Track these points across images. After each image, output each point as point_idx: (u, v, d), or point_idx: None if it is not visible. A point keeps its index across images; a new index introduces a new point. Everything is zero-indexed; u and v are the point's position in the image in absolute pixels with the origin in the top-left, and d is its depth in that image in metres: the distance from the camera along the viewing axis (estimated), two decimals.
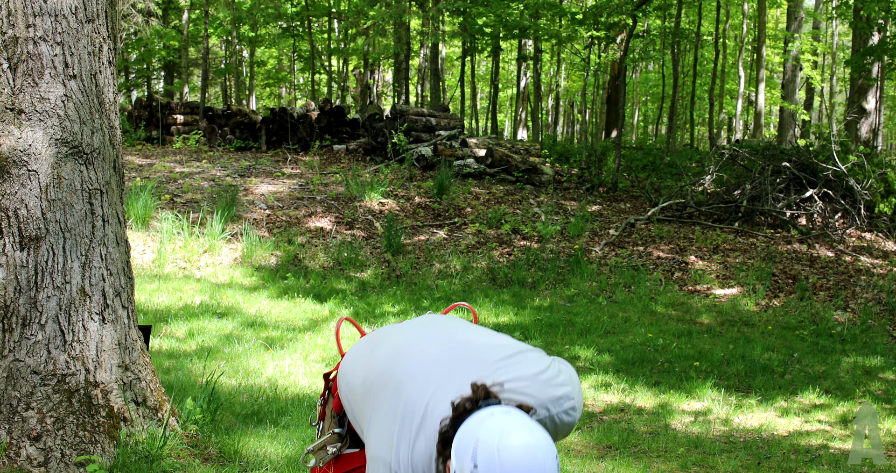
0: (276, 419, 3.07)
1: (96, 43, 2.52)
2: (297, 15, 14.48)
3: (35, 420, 2.36)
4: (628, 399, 3.88)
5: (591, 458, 3.05)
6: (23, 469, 2.31)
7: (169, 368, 3.54)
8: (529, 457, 1.16)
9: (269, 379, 3.60)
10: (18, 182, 2.37)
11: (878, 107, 12.33)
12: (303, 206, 7.44)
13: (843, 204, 7.92)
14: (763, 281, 6.36)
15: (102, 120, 2.55)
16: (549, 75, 19.78)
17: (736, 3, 15.09)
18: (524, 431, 1.19)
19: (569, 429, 1.37)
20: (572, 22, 11.23)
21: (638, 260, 6.87)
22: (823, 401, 4.00)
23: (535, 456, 1.16)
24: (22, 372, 2.37)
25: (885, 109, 19.80)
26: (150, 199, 6.29)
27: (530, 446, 1.17)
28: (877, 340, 5.29)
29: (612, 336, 4.97)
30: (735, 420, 3.68)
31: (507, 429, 1.18)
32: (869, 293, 6.25)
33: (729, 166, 9.07)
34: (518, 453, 1.16)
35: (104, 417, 2.44)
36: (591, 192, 9.38)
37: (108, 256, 2.53)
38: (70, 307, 2.42)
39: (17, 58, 2.36)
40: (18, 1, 2.36)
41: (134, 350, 2.61)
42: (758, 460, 3.11)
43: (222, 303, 4.84)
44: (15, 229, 2.37)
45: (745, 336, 5.17)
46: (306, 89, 21.18)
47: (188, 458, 2.56)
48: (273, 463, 2.66)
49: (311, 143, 10.45)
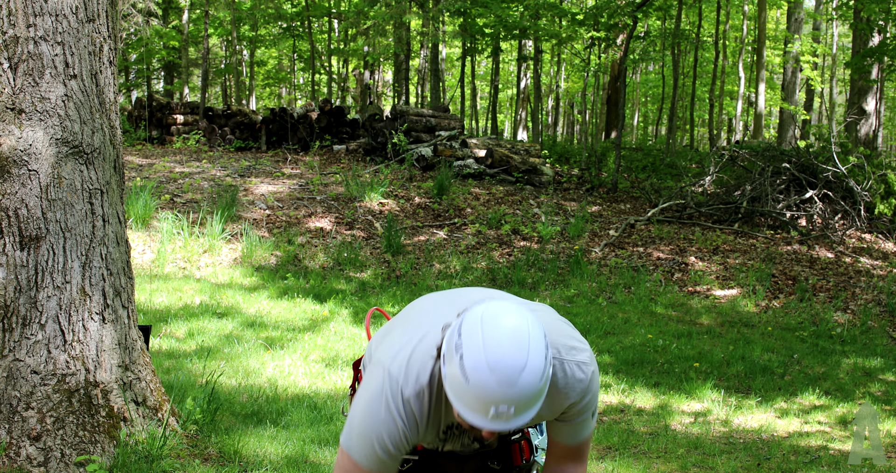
0: (276, 419, 3.07)
1: (97, 43, 2.52)
2: (298, 15, 14.49)
3: (35, 420, 2.36)
4: (628, 400, 3.88)
5: (591, 459, 3.05)
6: (23, 468, 2.31)
7: (169, 368, 3.54)
8: (513, 336, 1.12)
9: (269, 379, 3.60)
10: (19, 182, 2.37)
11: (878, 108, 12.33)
12: (303, 206, 7.44)
13: (843, 205, 7.93)
14: (763, 282, 6.36)
15: (103, 120, 2.55)
16: (550, 76, 19.79)
17: (736, 5, 15.10)
18: (514, 313, 1.16)
19: (580, 389, 1.28)
20: (572, 22, 11.24)
21: (638, 261, 6.87)
22: (823, 402, 4.00)
23: (519, 338, 1.12)
24: (22, 372, 2.37)
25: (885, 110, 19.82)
26: (150, 199, 6.29)
27: (517, 327, 1.13)
28: (876, 341, 5.29)
29: (612, 337, 4.97)
30: (735, 420, 3.68)
31: (495, 309, 1.16)
32: (869, 295, 6.25)
33: (729, 167, 9.07)
34: (501, 331, 1.13)
35: (104, 417, 2.44)
36: (590, 192, 9.38)
37: (109, 256, 2.53)
38: (70, 307, 2.42)
39: (17, 57, 2.36)
40: (19, 1, 2.36)
41: (134, 350, 2.61)
42: (757, 461, 3.11)
43: (222, 303, 4.83)
44: (15, 229, 2.37)
45: (745, 337, 5.17)
46: (306, 89, 21.19)
47: (188, 458, 2.56)
48: (273, 463, 2.66)
49: (312, 143, 10.45)
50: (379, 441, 1.27)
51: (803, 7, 14.88)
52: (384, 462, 1.29)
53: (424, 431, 1.29)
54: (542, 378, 1.14)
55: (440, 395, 1.27)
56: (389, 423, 1.26)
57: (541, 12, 11.43)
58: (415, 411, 1.26)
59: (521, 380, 1.12)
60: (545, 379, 1.15)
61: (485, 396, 1.12)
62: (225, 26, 15.40)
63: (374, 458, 1.29)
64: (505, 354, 1.12)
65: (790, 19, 14.36)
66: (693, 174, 9.67)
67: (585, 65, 12.55)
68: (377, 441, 1.27)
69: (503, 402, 1.12)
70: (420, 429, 1.28)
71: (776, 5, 14.60)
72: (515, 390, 1.12)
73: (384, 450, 1.27)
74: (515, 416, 1.14)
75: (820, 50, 15.09)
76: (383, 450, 1.27)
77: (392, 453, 1.28)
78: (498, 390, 1.12)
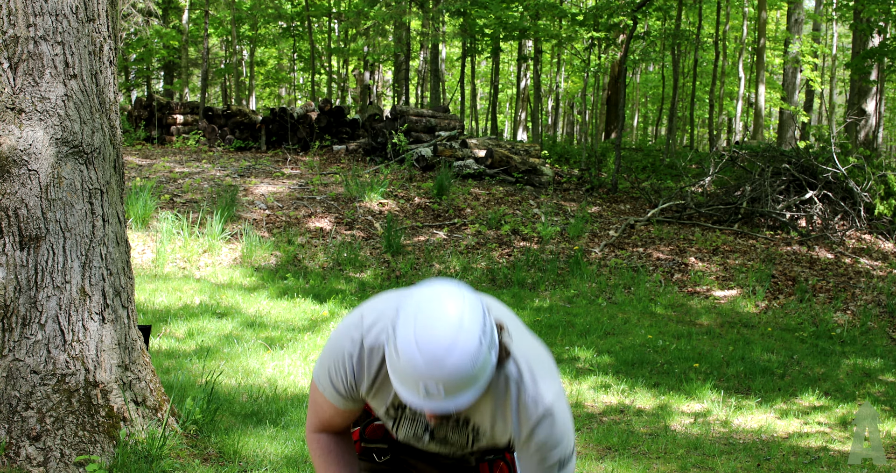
0: (276, 419, 3.07)
1: (97, 42, 2.52)
2: (298, 15, 14.49)
3: (35, 420, 2.35)
4: (628, 401, 3.88)
5: (591, 459, 3.05)
6: (22, 468, 2.31)
7: (168, 368, 3.54)
8: (446, 317, 1.09)
9: (269, 379, 3.60)
10: (19, 182, 2.37)
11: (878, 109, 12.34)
12: (303, 206, 7.44)
13: (843, 206, 7.93)
14: (763, 283, 6.36)
15: (103, 120, 2.55)
16: (550, 76, 19.79)
17: (736, 5, 15.10)
18: (455, 296, 1.12)
19: (535, 417, 1.22)
20: (572, 23, 11.24)
21: (637, 261, 6.87)
22: (823, 403, 4.00)
23: (452, 318, 1.09)
24: (22, 372, 2.36)
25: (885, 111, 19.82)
26: (149, 199, 6.29)
27: (452, 308, 1.10)
28: (876, 342, 5.29)
29: (612, 337, 4.97)
30: (734, 421, 3.68)
31: (438, 290, 1.14)
32: (868, 295, 6.25)
33: (729, 168, 9.08)
34: (435, 311, 1.10)
35: (104, 417, 2.44)
36: (590, 193, 9.38)
37: (108, 255, 2.53)
38: (70, 307, 2.42)
39: (17, 57, 2.36)
40: (19, 0, 2.36)
41: (134, 350, 2.61)
42: (757, 462, 3.11)
43: (222, 303, 4.83)
44: (15, 229, 2.37)
45: (745, 338, 5.17)
46: (306, 89, 21.19)
47: (188, 458, 2.56)
48: (273, 463, 2.66)
49: (311, 143, 10.45)
50: (331, 371, 1.30)
51: (803, 8, 14.88)
52: (336, 396, 1.32)
53: (371, 389, 1.30)
54: (473, 362, 1.10)
55: None
56: (344, 358, 1.29)
57: (541, 13, 11.43)
58: (365, 362, 1.28)
59: (449, 361, 1.09)
60: (479, 364, 1.11)
61: (413, 373, 1.11)
62: (225, 26, 15.41)
63: (329, 389, 1.32)
64: (434, 333, 1.10)
65: (790, 20, 14.36)
66: (693, 175, 9.67)
67: (585, 65, 12.55)
68: (331, 370, 1.30)
69: (431, 380, 1.10)
70: (366, 383, 1.29)
71: (776, 6, 14.61)
72: (444, 370, 1.10)
73: (333, 384, 1.30)
74: (447, 397, 1.12)
75: (820, 51, 15.10)
76: (332, 383, 1.31)
77: (340, 390, 1.30)
78: (425, 368, 1.10)
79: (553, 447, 1.25)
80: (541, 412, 1.24)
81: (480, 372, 1.14)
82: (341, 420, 1.38)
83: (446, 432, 1.34)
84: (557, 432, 1.25)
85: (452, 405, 1.14)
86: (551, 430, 1.25)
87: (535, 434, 1.25)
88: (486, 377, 1.15)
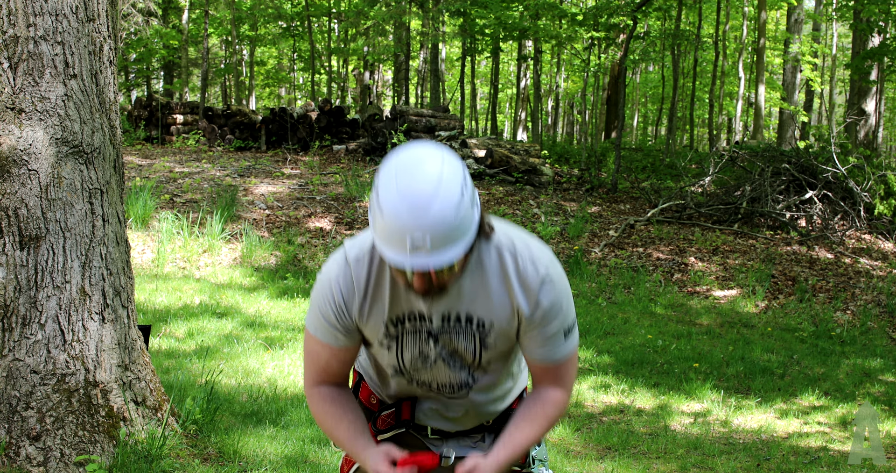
0: (276, 419, 3.07)
1: (97, 42, 2.52)
2: (297, 15, 14.50)
3: (35, 420, 2.35)
4: (628, 401, 3.88)
5: (591, 459, 3.05)
6: (22, 468, 2.31)
7: (168, 368, 3.54)
8: (424, 167, 1.13)
9: (269, 379, 3.60)
10: (19, 181, 2.37)
11: (877, 109, 12.34)
12: (302, 206, 7.44)
13: (843, 206, 7.93)
14: (762, 283, 6.37)
15: (103, 120, 2.55)
16: (549, 76, 19.80)
17: (736, 5, 15.10)
18: (431, 152, 1.15)
19: (536, 279, 1.23)
20: (572, 23, 11.24)
21: (637, 261, 6.87)
22: (823, 403, 4.01)
23: (431, 168, 1.12)
24: (22, 372, 2.37)
25: (884, 110, 19.82)
26: (149, 199, 6.29)
27: (430, 160, 1.13)
28: (876, 342, 5.29)
29: (612, 337, 4.97)
30: (734, 421, 3.68)
31: (414, 149, 1.17)
32: (868, 295, 6.25)
33: (728, 168, 9.08)
34: (414, 164, 1.13)
35: (104, 416, 2.44)
36: (590, 193, 9.39)
37: (108, 255, 2.53)
38: (70, 307, 2.42)
39: (17, 57, 2.36)
40: (19, 0, 2.36)
41: (133, 350, 2.61)
42: (757, 461, 3.11)
43: (222, 303, 4.84)
44: (15, 229, 2.37)
45: (745, 338, 5.17)
46: (306, 89, 21.21)
47: (188, 458, 2.56)
48: (272, 463, 2.66)
49: (311, 143, 10.46)
50: (321, 305, 1.30)
51: (803, 7, 14.89)
52: (329, 332, 1.30)
53: (364, 304, 1.28)
54: (456, 210, 1.13)
55: (382, 270, 1.28)
56: (331, 285, 1.29)
57: (540, 13, 11.43)
58: (352, 276, 1.28)
59: (432, 208, 1.11)
60: (461, 214, 1.14)
61: (398, 225, 1.12)
62: (225, 26, 15.42)
63: (322, 327, 1.31)
64: (415, 184, 1.12)
65: (790, 20, 14.37)
66: (693, 175, 9.67)
67: (585, 65, 12.55)
68: (321, 304, 1.30)
69: (417, 230, 1.11)
70: (357, 299, 1.28)
71: (776, 6, 14.61)
72: (428, 218, 1.11)
73: (324, 317, 1.29)
74: (434, 250, 1.13)
75: (820, 51, 15.10)
76: (324, 317, 1.30)
77: (332, 321, 1.29)
78: (409, 218, 1.12)
79: (558, 313, 1.27)
80: (542, 273, 1.26)
81: (464, 224, 1.15)
82: (337, 363, 1.34)
83: (450, 337, 1.29)
84: (560, 296, 1.27)
85: (439, 259, 1.14)
86: (555, 294, 1.27)
87: (541, 300, 1.26)
88: (469, 233, 1.16)
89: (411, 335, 1.31)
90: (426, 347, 1.32)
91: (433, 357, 1.33)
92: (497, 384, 1.39)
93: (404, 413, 1.41)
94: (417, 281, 1.20)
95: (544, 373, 1.35)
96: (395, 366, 1.35)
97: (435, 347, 1.32)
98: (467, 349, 1.31)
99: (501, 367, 1.37)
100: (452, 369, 1.34)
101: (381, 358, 1.36)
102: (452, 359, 1.33)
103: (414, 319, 1.30)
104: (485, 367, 1.35)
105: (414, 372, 1.35)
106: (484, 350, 1.32)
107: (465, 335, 1.30)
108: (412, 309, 1.29)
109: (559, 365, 1.34)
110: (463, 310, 1.28)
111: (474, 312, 1.29)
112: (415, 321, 1.30)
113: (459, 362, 1.33)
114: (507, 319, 1.29)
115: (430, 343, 1.31)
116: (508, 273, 1.26)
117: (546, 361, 1.33)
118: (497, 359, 1.34)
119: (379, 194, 1.15)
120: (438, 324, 1.29)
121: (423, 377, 1.36)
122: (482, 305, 1.28)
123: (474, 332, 1.30)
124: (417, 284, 1.20)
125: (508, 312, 1.28)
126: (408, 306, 1.29)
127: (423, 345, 1.32)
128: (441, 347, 1.32)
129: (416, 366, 1.34)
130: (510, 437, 1.32)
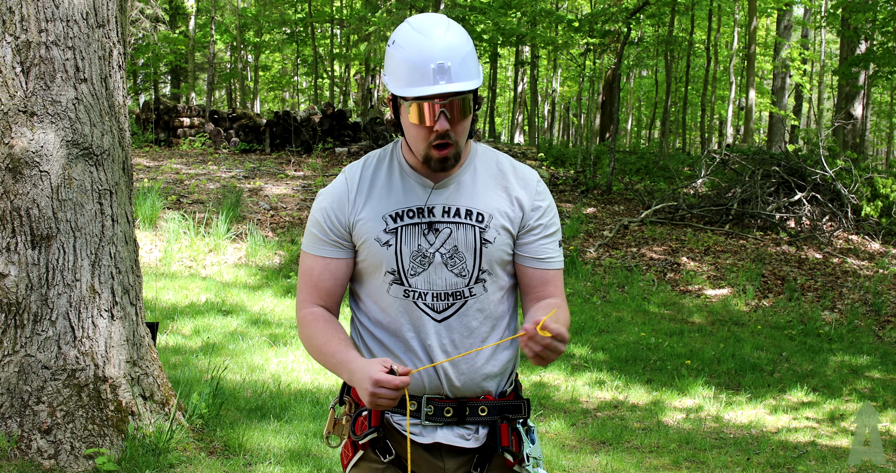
0: (280, 413, 3.13)
1: (106, 47, 2.59)
2: (301, 21, 14.58)
3: (46, 414, 2.41)
4: (622, 396, 3.96)
5: (585, 453, 3.13)
6: (33, 461, 2.37)
7: (175, 364, 3.59)
8: (434, 14, 1.29)
9: (273, 375, 3.66)
10: (30, 182, 2.43)
11: (864, 113, 12.53)
12: (306, 207, 7.50)
13: (831, 207, 8.06)
14: (753, 282, 6.47)
15: (112, 122, 2.62)
16: (546, 81, 19.93)
17: (727, 12, 15.30)
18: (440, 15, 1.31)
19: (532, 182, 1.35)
20: (568, 29, 11.37)
21: (631, 261, 6.97)
22: (811, 399, 4.10)
23: (439, 15, 1.27)
24: (33, 367, 2.43)
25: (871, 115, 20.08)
26: (157, 199, 6.34)
27: (438, 15, 1.28)
28: (863, 339, 5.40)
29: (606, 335, 5.05)
30: (725, 416, 3.76)
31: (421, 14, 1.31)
32: (855, 294, 6.37)
33: (720, 170, 9.21)
34: (424, 14, 1.29)
35: (113, 411, 2.50)
36: (585, 194, 9.49)
37: (117, 254, 2.60)
38: (80, 304, 2.48)
39: (29, 62, 2.43)
40: (31, 6, 2.43)
41: (142, 346, 2.67)
42: (747, 456, 3.19)
43: (227, 301, 4.89)
44: (27, 228, 2.43)
45: (736, 336, 5.27)
46: (309, 93, 21.25)
47: (194, 451, 2.62)
48: (276, 457, 2.72)
49: (314, 145, 10.54)
50: (314, 216, 1.34)
51: (792, 14, 15.10)
52: (324, 243, 1.33)
53: (357, 199, 1.32)
54: (467, 39, 1.25)
55: (378, 170, 1.34)
56: (323, 195, 1.35)
57: (538, 19, 11.55)
58: (346, 179, 1.34)
59: (447, 33, 1.24)
60: (471, 45, 1.26)
61: (419, 51, 1.22)
62: (230, 32, 15.48)
63: (314, 240, 1.34)
64: (426, 18, 1.27)
65: (779, 26, 14.57)
66: (685, 177, 9.80)
67: (581, 70, 12.68)
68: (313, 217, 1.34)
69: (438, 57, 1.21)
70: (350, 195, 1.32)
71: (766, 13, 14.82)
72: (446, 40, 1.22)
73: (317, 227, 1.33)
74: (455, 74, 1.22)
75: (809, 56, 15.31)
76: (317, 227, 1.33)
77: (324, 230, 1.32)
78: (427, 46, 1.22)
79: (553, 215, 1.37)
80: (535, 174, 1.39)
81: (475, 59, 1.26)
82: (330, 277, 1.33)
83: (451, 231, 1.30)
84: (552, 202, 1.39)
85: (461, 85, 1.22)
86: (549, 195, 1.39)
87: (539, 191, 1.36)
88: (479, 74, 1.28)
89: (410, 229, 1.32)
90: (424, 241, 1.31)
91: (432, 253, 1.31)
92: (493, 314, 1.34)
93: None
94: (440, 122, 1.23)
95: (542, 285, 1.35)
96: (395, 269, 1.31)
97: (435, 241, 1.32)
98: (468, 245, 1.32)
99: (497, 290, 1.34)
100: (451, 271, 1.32)
101: (381, 267, 1.31)
102: (452, 261, 1.32)
103: (413, 214, 1.32)
104: (483, 279, 1.33)
105: (412, 276, 1.31)
106: (484, 247, 1.32)
107: (465, 229, 1.32)
108: (412, 205, 1.32)
109: (556, 273, 1.36)
110: (462, 204, 1.32)
111: (474, 206, 1.32)
112: (414, 216, 1.32)
113: (459, 265, 1.32)
114: (506, 212, 1.33)
115: (430, 236, 1.32)
116: (505, 169, 1.36)
117: (545, 266, 1.34)
118: (495, 269, 1.33)
119: (395, 39, 1.26)
120: (439, 216, 1.31)
121: (420, 286, 1.31)
122: (481, 198, 1.33)
123: (474, 225, 1.32)
124: (440, 125, 1.24)
125: (507, 203, 1.34)
126: (407, 201, 1.32)
127: (421, 239, 1.31)
128: (440, 242, 1.31)
129: (415, 266, 1.31)
130: (543, 310, 1.32)
